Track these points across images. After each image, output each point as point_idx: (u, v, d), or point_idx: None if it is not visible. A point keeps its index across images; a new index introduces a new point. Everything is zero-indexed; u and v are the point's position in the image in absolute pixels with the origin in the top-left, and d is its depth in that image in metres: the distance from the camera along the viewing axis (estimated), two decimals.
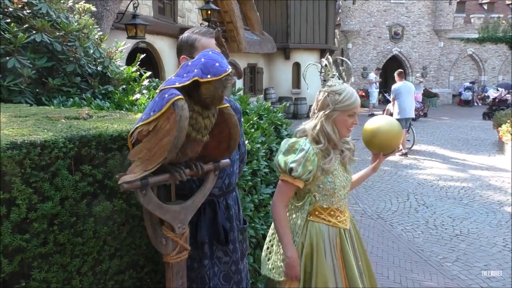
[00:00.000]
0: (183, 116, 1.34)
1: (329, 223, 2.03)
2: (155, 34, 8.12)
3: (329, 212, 2.03)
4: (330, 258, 2.00)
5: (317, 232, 2.00)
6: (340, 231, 2.06)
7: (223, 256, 1.91)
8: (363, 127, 2.22)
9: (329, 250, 2.00)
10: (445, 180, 7.35)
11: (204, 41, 1.85)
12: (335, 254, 2.02)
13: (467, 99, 21.11)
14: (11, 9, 2.68)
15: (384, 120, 2.21)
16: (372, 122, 2.20)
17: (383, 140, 2.15)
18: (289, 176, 1.93)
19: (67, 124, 1.64)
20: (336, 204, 2.05)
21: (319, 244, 1.98)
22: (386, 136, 2.15)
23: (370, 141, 2.19)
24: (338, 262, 2.02)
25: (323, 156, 1.96)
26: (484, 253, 4.39)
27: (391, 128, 2.16)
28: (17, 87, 2.47)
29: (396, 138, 2.17)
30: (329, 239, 2.02)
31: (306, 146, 1.93)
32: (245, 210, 2.56)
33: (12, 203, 1.30)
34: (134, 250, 1.70)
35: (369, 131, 2.19)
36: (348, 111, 1.96)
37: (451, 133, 12.61)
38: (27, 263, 1.36)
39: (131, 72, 3.24)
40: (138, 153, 1.42)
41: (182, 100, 1.36)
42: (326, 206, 2.02)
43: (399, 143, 2.22)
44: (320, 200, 2.01)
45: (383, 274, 3.97)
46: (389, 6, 21.66)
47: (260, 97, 4.14)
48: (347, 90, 1.97)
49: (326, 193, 2.00)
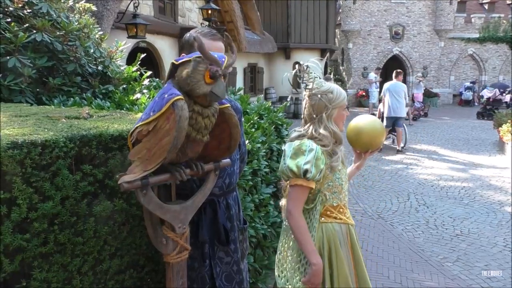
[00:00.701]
0: (183, 116, 1.34)
1: (340, 221, 2.03)
2: (156, 34, 8.12)
3: (339, 210, 2.04)
4: (346, 257, 2.00)
5: (332, 233, 1.98)
6: (349, 227, 2.08)
7: (224, 257, 1.91)
8: (347, 126, 2.26)
9: (344, 249, 2.01)
10: (445, 180, 7.34)
11: (204, 42, 1.85)
12: (348, 252, 2.03)
13: (468, 99, 21.10)
14: (11, 8, 2.68)
15: (367, 120, 2.25)
16: (355, 122, 2.24)
17: (366, 139, 2.20)
18: (303, 179, 1.88)
19: (67, 124, 1.64)
20: (343, 200, 2.07)
21: (336, 245, 1.97)
22: (369, 135, 2.19)
23: (355, 140, 2.24)
24: (350, 258, 2.04)
25: (328, 154, 1.96)
26: (484, 253, 4.39)
27: (373, 127, 2.20)
28: (17, 86, 2.47)
29: (379, 136, 2.22)
30: (343, 237, 2.03)
31: (313, 145, 1.90)
32: (245, 209, 2.56)
33: (13, 203, 1.30)
34: (135, 249, 1.70)
35: (353, 131, 2.23)
36: (342, 106, 2.01)
37: (452, 133, 12.60)
38: (28, 263, 1.36)
39: (132, 71, 3.24)
40: (138, 153, 1.42)
41: (181, 100, 1.36)
42: (336, 204, 2.03)
43: (382, 141, 2.27)
44: (330, 198, 2.01)
45: (383, 274, 3.97)
46: (390, 6, 21.64)
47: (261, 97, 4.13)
48: (333, 86, 2.01)
49: (336, 190, 2.01)
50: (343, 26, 21.31)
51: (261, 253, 2.80)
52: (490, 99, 16.33)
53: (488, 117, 15.58)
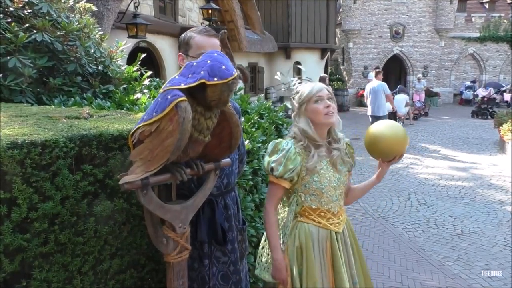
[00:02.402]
0: (186, 118, 1.34)
1: (319, 225, 1.99)
2: (156, 34, 8.12)
3: (319, 213, 1.99)
4: (319, 260, 1.96)
5: (306, 233, 1.97)
6: (332, 234, 2.00)
7: (221, 256, 1.91)
8: (365, 133, 2.12)
9: (318, 251, 1.96)
10: (446, 179, 7.34)
11: (198, 39, 1.84)
12: (323, 256, 1.97)
13: (468, 98, 21.10)
14: (11, 8, 2.68)
15: (385, 125, 2.07)
16: (373, 128, 2.08)
17: (383, 147, 2.03)
18: (273, 176, 1.94)
19: (67, 124, 1.64)
20: (327, 205, 2.00)
21: (308, 245, 1.95)
22: (386, 143, 2.01)
23: (371, 149, 2.08)
24: (327, 265, 1.97)
25: (307, 155, 1.95)
26: (485, 252, 4.39)
27: (392, 134, 2.01)
28: (18, 86, 2.47)
29: (398, 144, 2.02)
30: (318, 240, 1.98)
31: (288, 145, 1.94)
32: (246, 209, 2.56)
33: (13, 203, 1.30)
34: (135, 249, 1.70)
35: (368, 138, 2.07)
36: (312, 99, 1.95)
37: (452, 132, 12.59)
38: (28, 263, 1.36)
39: (132, 71, 3.24)
40: (140, 154, 1.42)
41: (185, 102, 1.35)
42: (315, 207, 1.98)
43: (402, 150, 2.04)
44: (308, 200, 1.98)
45: (384, 273, 3.97)
46: (390, 5, 21.63)
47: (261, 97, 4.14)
48: (303, 85, 2.03)
49: (313, 193, 1.97)
50: (343, 25, 21.30)
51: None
52: (485, 98, 16.48)
53: (482, 116, 15.79)
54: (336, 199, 2.02)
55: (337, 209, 2.03)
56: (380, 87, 8.83)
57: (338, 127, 2.09)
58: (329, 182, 1.98)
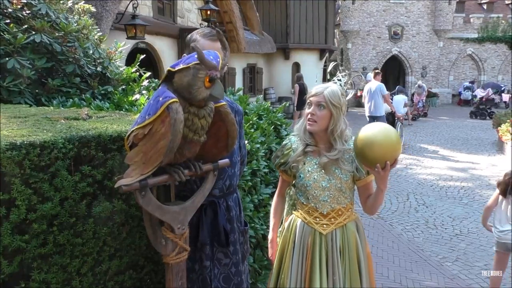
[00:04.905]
0: (178, 119, 1.34)
1: (304, 220, 2.07)
2: (155, 35, 8.11)
3: (307, 210, 2.06)
4: (297, 255, 2.03)
5: (293, 226, 2.11)
6: (315, 233, 2.00)
7: (223, 258, 1.91)
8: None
9: (298, 246, 2.04)
10: (445, 179, 7.35)
11: (202, 43, 1.85)
12: (303, 252, 2.03)
13: (467, 98, 21.14)
14: (10, 9, 2.68)
15: (371, 130, 1.81)
16: (362, 134, 1.82)
17: (374, 155, 1.77)
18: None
19: (66, 125, 1.64)
20: (312, 203, 2.03)
21: (291, 238, 2.08)
22: (377, 150, 1.76)
23: (360, 158, 1.85)
24: (306, 262, 2.01)
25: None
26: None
27: (382, 139, 1.76)
28: (16, 87, 2.47)
29: (391, 149, 1.77)
30: (302, 236, 2.04)
31: (288, 140, 2.14)
32: (245, 210, 2.56)
33: (12, 204, 1.30)
34: (134, 250, 1.70)
35: (356, 147, 1.83)
36: (307, 102, 2.05)
37: (451, 133, 12.61)
38: (27, 264, 1.35)
39: (131, 72, 3.24)
40: (135, 157, 1.42)
41: (176, 103, 1.36)
42: (304, 203, 2.07)
43: (395, 155, 1.79)
44: (298, 194, 2.10)
45: (383, 273, 3.97)
46: (389, 6, 21.66)
47: (260, 97, 4.13)
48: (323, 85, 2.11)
49: (300, 188, 2.07)
50: (342, 26, 21.32)
51: (260, 253, 2.79)
52: (483, 99, 16.58)
53: (480, 116, 15.87)
54: (325, 199, 2.02)
55: (327, 211, 2.02)
56: (377, 88, 8.85)
57: (341, 136, 1.99)
58: (315, 181, 2.01)
